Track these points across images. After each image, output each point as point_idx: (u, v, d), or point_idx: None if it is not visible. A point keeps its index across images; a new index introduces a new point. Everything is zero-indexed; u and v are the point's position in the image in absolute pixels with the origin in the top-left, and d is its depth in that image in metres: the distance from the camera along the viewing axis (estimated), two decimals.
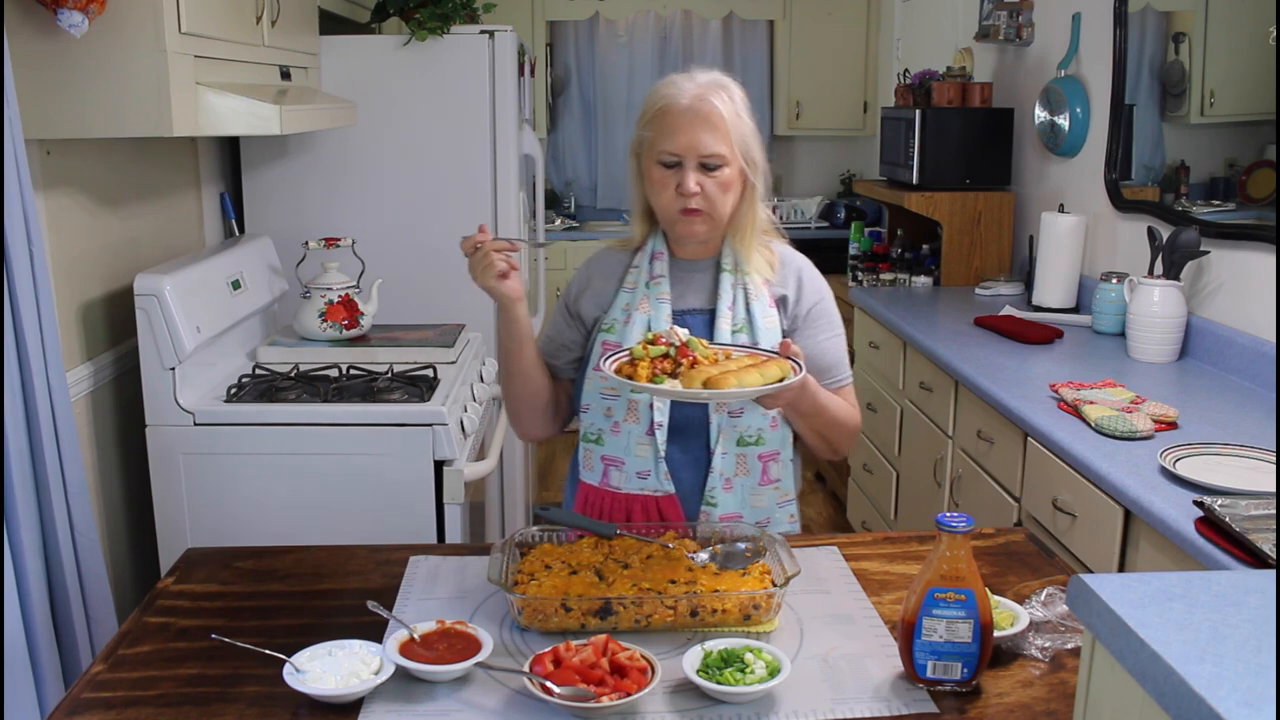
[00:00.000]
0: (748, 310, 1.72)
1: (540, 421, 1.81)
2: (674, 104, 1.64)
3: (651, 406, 1.69)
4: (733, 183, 1.67)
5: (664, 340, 1.51)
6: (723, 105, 1.64)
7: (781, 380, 1.48)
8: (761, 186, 1.71)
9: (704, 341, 1.54)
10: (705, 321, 1.73)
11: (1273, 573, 1.00)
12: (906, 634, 1.31)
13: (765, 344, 1.68)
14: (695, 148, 1.63)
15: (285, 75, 2.85)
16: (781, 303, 1.76)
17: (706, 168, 1.64)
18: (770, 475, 1.75)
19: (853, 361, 3.91)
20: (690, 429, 1.71)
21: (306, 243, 3.01)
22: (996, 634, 1.35)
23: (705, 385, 1.43)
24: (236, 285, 2.78)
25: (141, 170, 2.79)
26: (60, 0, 1.92)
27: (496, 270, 1.63)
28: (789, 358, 1.54)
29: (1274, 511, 1.64)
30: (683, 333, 1.53)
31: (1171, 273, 2.77)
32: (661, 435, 1.69)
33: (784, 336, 1.72)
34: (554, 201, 5.94)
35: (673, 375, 1.48)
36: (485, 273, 1.63)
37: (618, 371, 1.50)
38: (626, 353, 1.55)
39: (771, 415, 1.72)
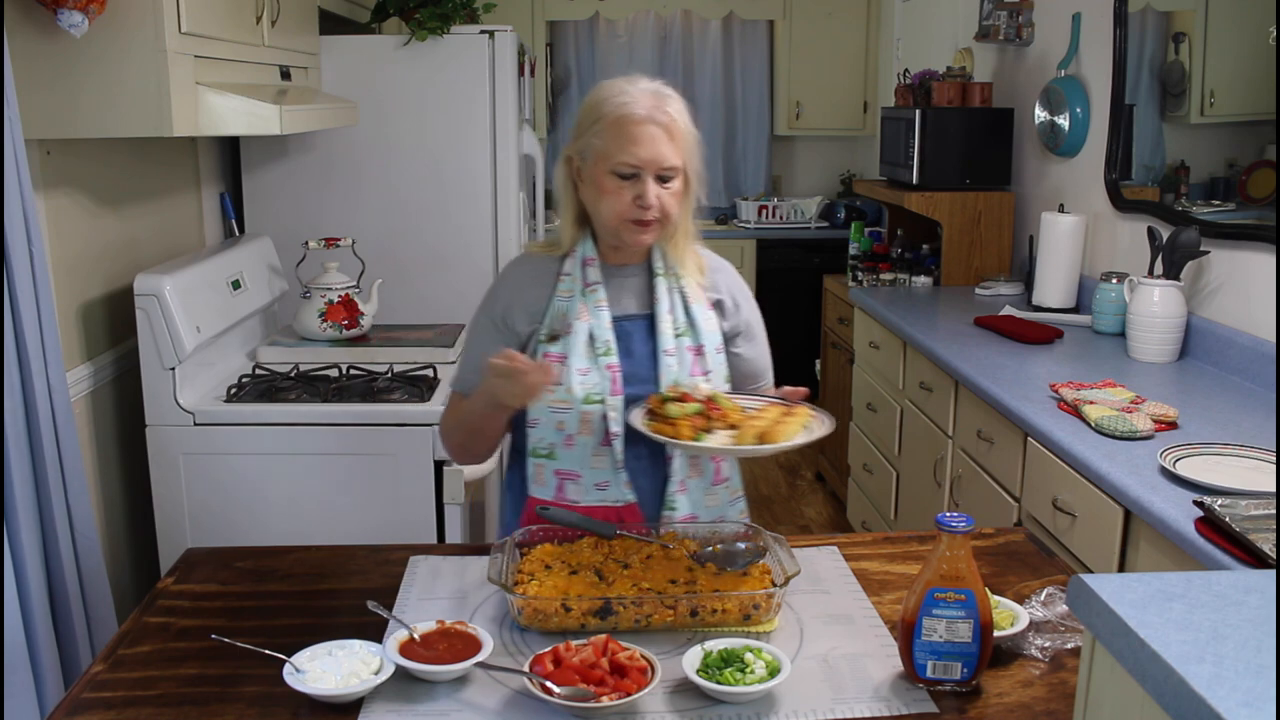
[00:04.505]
0: (687, 313, 1.71)
1: (489, 453, 1.79)
2: (631, 113, 1.60)
3: (605, 418, 1.65)
4: (683, 193, 1.66)
5: (691, 396, 1.59)
6: (678, 116, 1.63)
7: (806, 426, 1.59)
8: (701, 195, 1.70)
9: (725, 395, 1.62)
10: (645, 326, 1.71)
11: (1273, 573, 1.00)
12: (906, 634, 1.31)
13: (709, 345, 1.72)
14: (657, 160, 1.60)
15: (285, 75, 2.85)
16: (717, 306, 1.76)
17: (661, 179, 1.62)
18: (722, 474, 1.76)
19: (851, 361, 3.96)
20: (641, 435, 1.66)
21: (306, 243, 3.01)
22: (996, 634, 1.35)
23: (761, 440, 1.52)
24: (236, 285, 2.78)
25: (141, 170, 2.79)
26: (60, 0, 1.92)
27: (537, 392, 1.58)
28: (800, 402, 1.63)
29: (1274, 511, 1.64)
30: (704, 386, 1.59)
31: (1171, 273, 2.77)
32: (619, 445, 1.66)
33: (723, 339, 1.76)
34: (554, 201, 5.93)
35: (706, 430, 1.56)
36: (529, 394, 1.57)
37: (658, 432, 1.55)
38: (646, 410, 1.61)
39: None
